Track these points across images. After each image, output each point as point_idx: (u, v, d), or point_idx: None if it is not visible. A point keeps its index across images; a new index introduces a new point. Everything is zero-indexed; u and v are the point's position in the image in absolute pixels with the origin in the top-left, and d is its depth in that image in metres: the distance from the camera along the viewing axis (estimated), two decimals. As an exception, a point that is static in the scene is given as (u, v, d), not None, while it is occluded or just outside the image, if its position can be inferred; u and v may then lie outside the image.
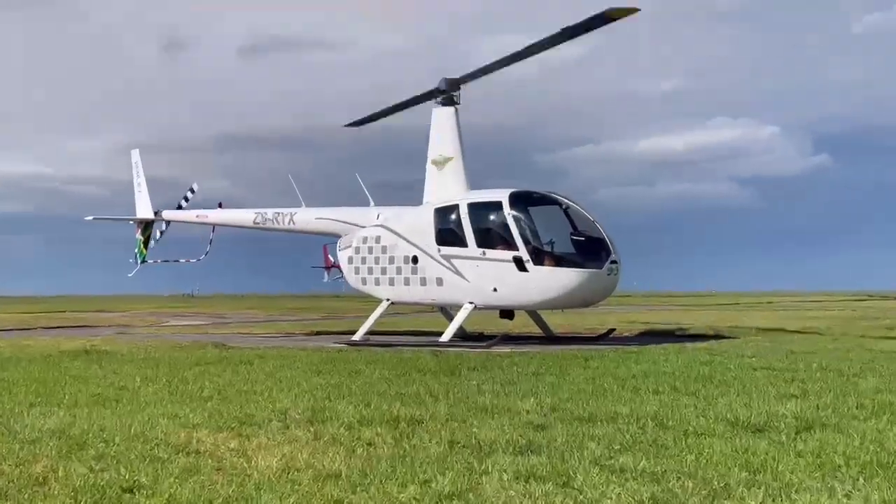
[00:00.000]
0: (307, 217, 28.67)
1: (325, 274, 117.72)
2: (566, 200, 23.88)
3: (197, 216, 31.38)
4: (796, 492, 6.71)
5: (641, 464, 7.57)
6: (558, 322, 31.78)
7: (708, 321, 36.57)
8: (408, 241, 25.10)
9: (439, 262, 24.39)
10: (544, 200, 24.32)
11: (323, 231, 28.66)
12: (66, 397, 12.26)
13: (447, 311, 27.84)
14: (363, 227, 26.73)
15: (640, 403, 11.01)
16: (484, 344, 23.37)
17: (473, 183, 25.51)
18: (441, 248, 24.40)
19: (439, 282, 24.45)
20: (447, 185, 25.13)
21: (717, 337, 25.99)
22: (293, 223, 28.87)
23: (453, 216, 24.41)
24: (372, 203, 28.04)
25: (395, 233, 25.52)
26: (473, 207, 24.04)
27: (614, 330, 28.24)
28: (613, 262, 23.04)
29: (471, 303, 24.12)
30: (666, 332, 29.46)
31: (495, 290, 23.53)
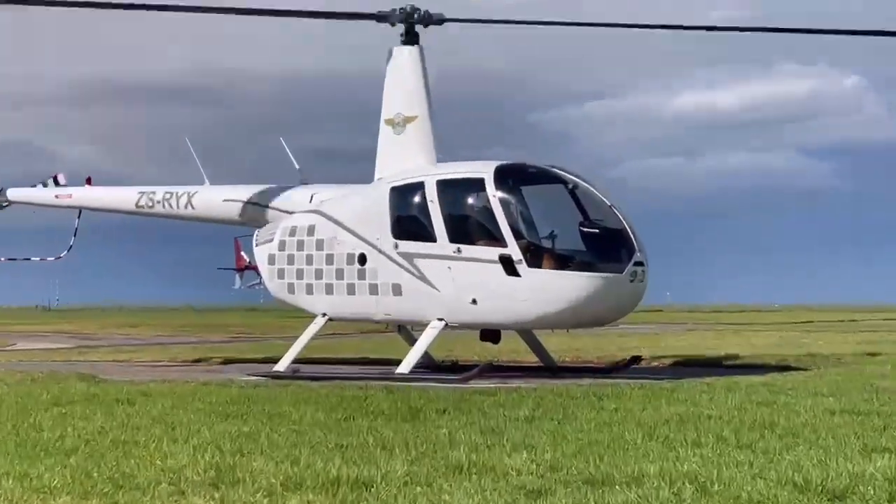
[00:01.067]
0: (212, 198, 28.55)
1: (237, 278, 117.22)
2: (573, 178, 23.94)
3: (56, 196, 31.19)
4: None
5: (676, 544, 7.60)
6: (562, 347, 31.78)
7: (769, 346, 36.75)
8: (353, 234, 25.06)
9: (396, 263, 24.36)
10: (543, 177, 24.34)
11: (234, 218, 28.53)
12: None
13: (407, 332, 27.81)
14: (290, 212, 26.65)
15: (675, 460, 11.05)
16: (459, 377, 23.36)
17: (445, 152, 25.52)
18: (399, 242, 24.38)
19: (396, 290, 24.43)
20: (408, 156, 25.11)
21: (782, 368, 26.12)
22: (192, 207, 28.73)
23: (416, 199, 24.39)
24: (303, 180, 27.94)
25: (336, 221, 25.47)
26: (444, 187, 24.04)
27: (640, 358, 28.36)
28: (638, 263, 23.12)
29: (440, 319, 24.12)
30: (710, 362, 29.53)
31: (474, 301, 23.54)
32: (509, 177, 23.86)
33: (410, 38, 25.51)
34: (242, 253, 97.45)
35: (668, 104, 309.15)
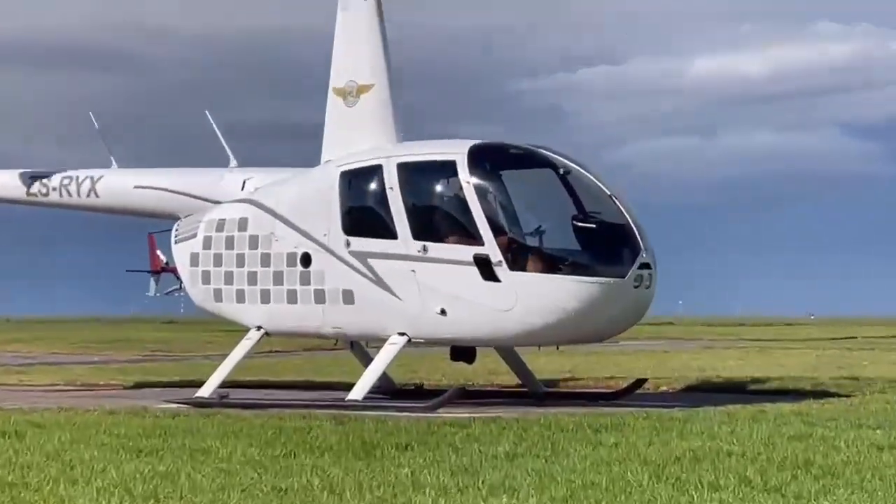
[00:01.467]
0: (120, 184, 28.44)
1: (152, 283, 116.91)
2: (565, 161, 23.96)
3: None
4: None
5: None
6: (550, 367, 31.80)
7: (803, 367, 36.85)
8: (294, 229, 25.01)
9: (348, 265, 24.33)
10: (528, 160, 24.40)
11: (147, 209, 28.43)
12: None
13: (361, 349, 27.78)
14: (218, 202, 26.61)
15: (688, 506, 11.08)
16: (424, 404, 23.36)
17: (409, 129, 25.51)
18: (351, 239, 24.34)
19: (347, 297, 24.40)
20: (363, 133, 25.07)
21: (819, 394, 26.20)
22: (96, 195, 28.61)
23: (373, 186, 24.38)
24: (234, 162, 27.85)
25: (273, 213, 25.41)
26: (407, 171, 24.03)
27: (644, 381, 28.39)
28: (645, 265, 23.16)
29: (402, 334, 24.10)
30: (731, 386, 29.59)
31: (443, 312, 23.52)
32: (487, 159, 23.89)
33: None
34: (159, 252, 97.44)
35: (680, 72, 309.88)
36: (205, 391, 25.57)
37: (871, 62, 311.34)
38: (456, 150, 23.81)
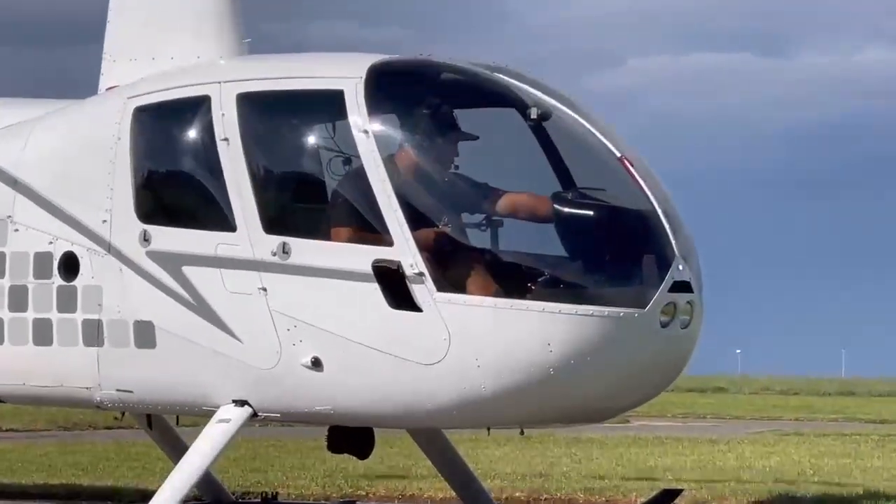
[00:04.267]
0: None
1: None
2: (540, 96, 23.97)
3: None
4: None
5: None
6: (504, 466, 32.07)
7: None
8: (48, 210, 25.07)
9: (145, 276, 24.38)
10: (474, 92, 24.60)
11: None
12: None
13: (167, 429, 27.95)
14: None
15: None
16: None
17: (258, 40, 25.68)
18: (152, 230, 24.38)
19: (143, 336, 24.47)
20: (176, 39, 25.21)
21: None
22: None
23: (192, 134, 24.51)
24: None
25: (12, 180, 25.46)
26: (257, 109, 24.24)
27: (678, 493, 28.62)
28: (683, 285, 23.22)
29: (240, 403, 24.17)
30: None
31: (316, 363, 23.56)
32: (399, 91, 24.17)
33: None
34: None
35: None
36: None
37: None
38: (345, 73, 23.86)
